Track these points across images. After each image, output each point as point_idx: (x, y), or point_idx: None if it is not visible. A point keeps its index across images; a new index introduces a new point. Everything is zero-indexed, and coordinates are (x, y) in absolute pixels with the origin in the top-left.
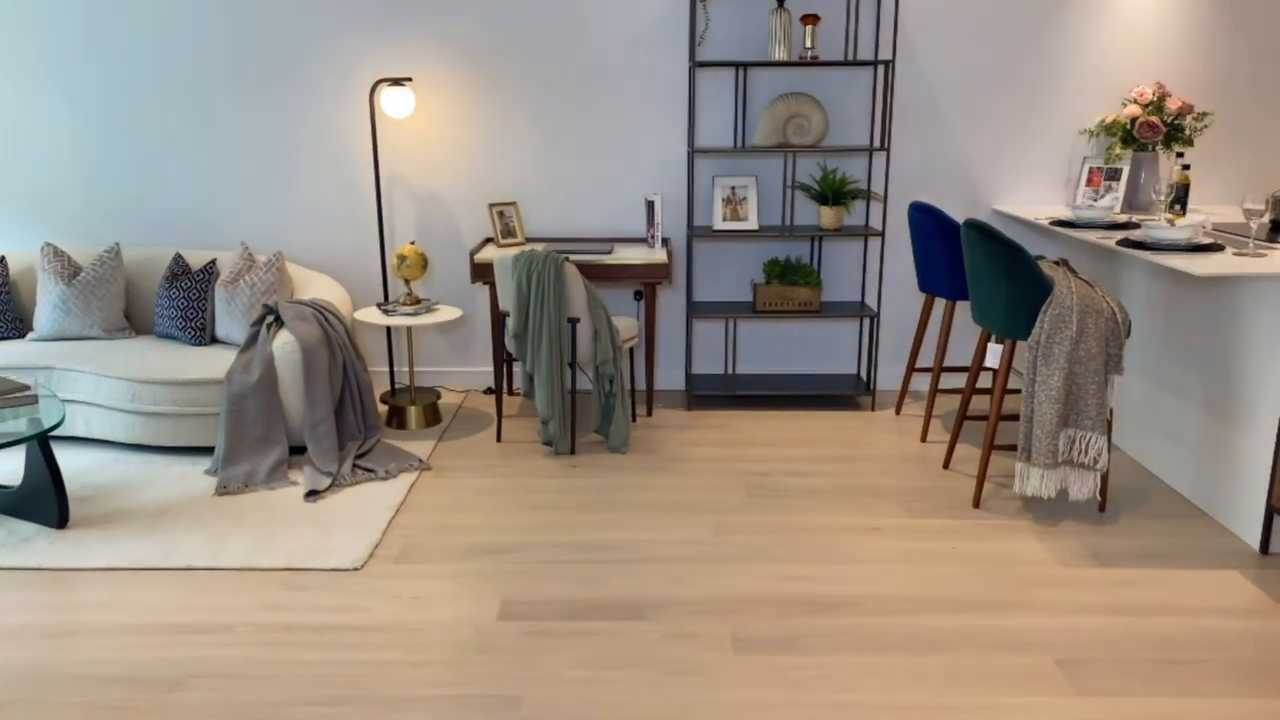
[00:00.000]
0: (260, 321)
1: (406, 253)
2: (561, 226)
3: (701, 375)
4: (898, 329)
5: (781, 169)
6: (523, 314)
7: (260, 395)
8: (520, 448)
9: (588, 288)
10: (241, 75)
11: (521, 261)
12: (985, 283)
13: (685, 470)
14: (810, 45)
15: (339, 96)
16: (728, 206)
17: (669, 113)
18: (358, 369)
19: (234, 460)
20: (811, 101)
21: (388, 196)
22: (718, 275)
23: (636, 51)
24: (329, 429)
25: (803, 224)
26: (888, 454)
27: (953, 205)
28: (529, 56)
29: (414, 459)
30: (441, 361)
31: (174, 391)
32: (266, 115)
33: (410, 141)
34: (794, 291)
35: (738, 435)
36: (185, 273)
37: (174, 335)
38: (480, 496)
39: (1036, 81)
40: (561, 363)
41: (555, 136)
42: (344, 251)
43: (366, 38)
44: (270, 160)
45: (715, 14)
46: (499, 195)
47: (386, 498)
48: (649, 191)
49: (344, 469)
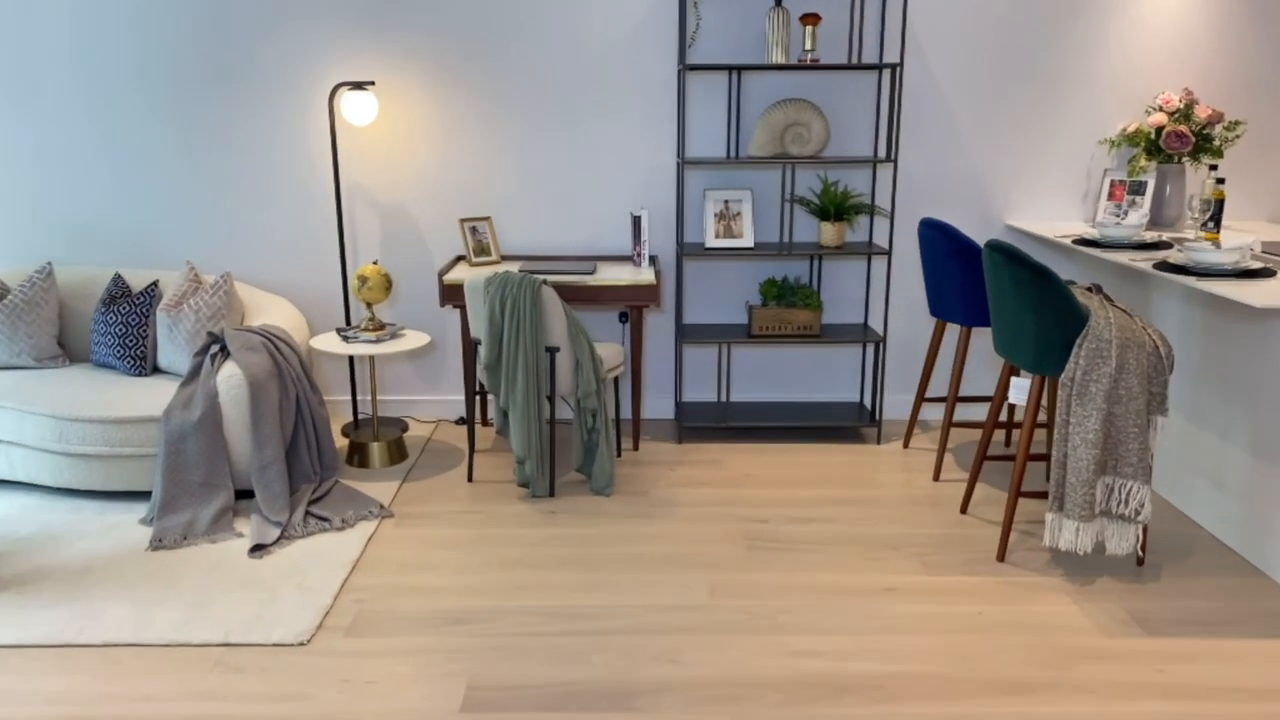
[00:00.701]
0: (204, 351)
1: (368, 273)
2: (539, 244)
3: (692, 404)
4: (904, 354)
5: (779, 181)
6: (496, 343)
7: (202, 435)
8: (494, 489)
9: (568, 313)
10: (187, 77)
11: (494, 284)
12: (1010, 311)
13: (676, 516)
14: (810, 47)
15: (295, 101)
16: (721, 222)
17: (657, 121)
18: (313, 403)
19: (172, 508)
20: (811, 108)
21: (349, 211)
22: (710, 297)
23: (621, 54)
24: (279, 472)
25: (802, 241)
26: (898, 495)
27: (962, 220)
28: (504, 58)
29: (374, 505)
30: (409, 389)
31: (106, 430)
32: (215, 122)
33: (374, 151)
34: (793, 314)
35: (733, 473)
36: (124, 295)
37: (111, 365)
38: (447, 551)
39: (1053, 87)
40: (539, 397)
41: (533, 146)
42: (301, 271)
43: (325, 37)
44: (219, 171)
45: (707, 13)
46: (471, 210)
47: (341, 552)
48: (635, 206)
49: (295, 517)
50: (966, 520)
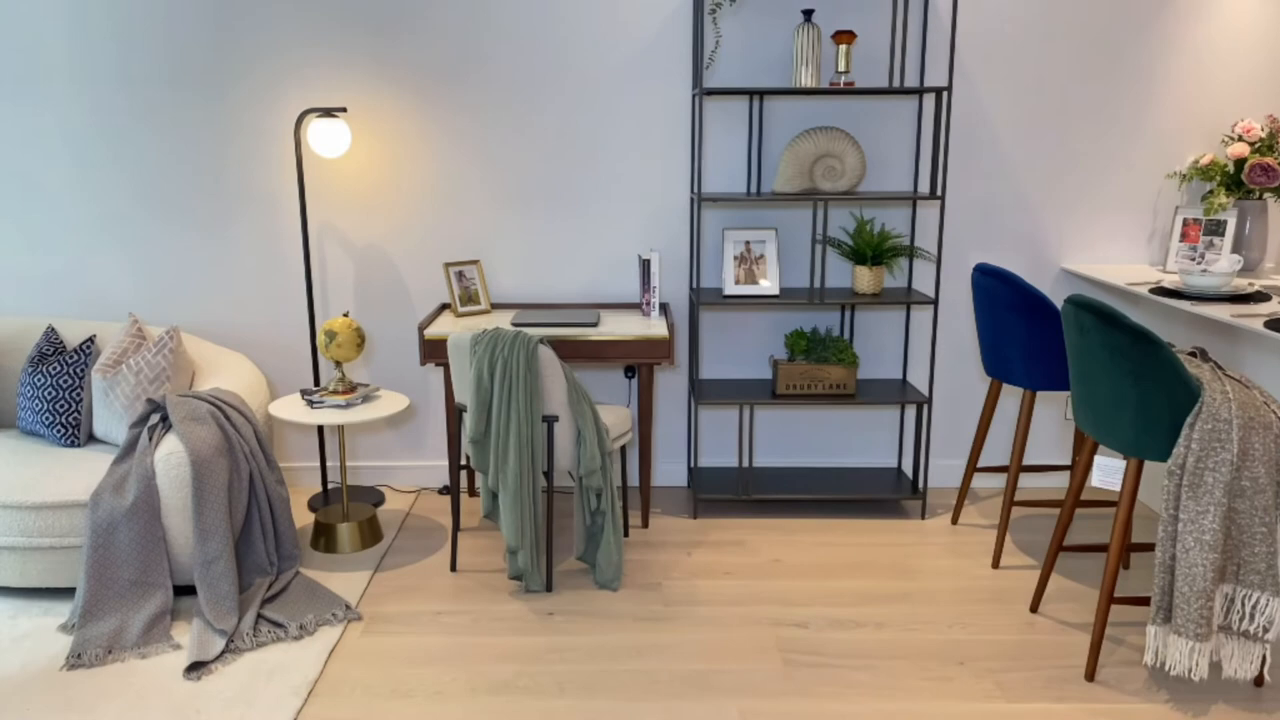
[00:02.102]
0: (142, 422)
1: (337, 328)
2: (535, 290)
3: (710, 470)
4: (949, 416)
5: (808, 220)
6: (484, 412)
7: (136, 524)
8: (481, 581)
9: (568, 376)
10: (134, 103)
11: (483, 344)
12: (1100, 382)
13: (696, 619)
14: (844, 69)
15: (256, 129)
16: (741, 266)
17: (668, 152)
18: (269, 483)
19: (97, 613)
20: (845, 138)
21: (318, 254)
22: (729, 350)
23: (628, 77)
24: (227, 568)
25: (834, 288)
26: (955, 588)
27: (1012, 264)
28: (494, 82)
29: (339, 605)
30: (387, 454)
31: (20, 518)
32: (166, 152)
33: (346, 185)
34: (823, 371)
35: (759, 558)
36: (57, 352)
37: (39, 433)
38: (424, 668)
39: (1115, 114)
40: (534, 477)
41: (527, 181)
42: (262, 324)
43: (289, 58)
44: (170, 208)
45: (727, 30)
46: (457, 253)
47: (297, 670)
48: (644, 248)
49: (245, 623)
50: (1040, 622)
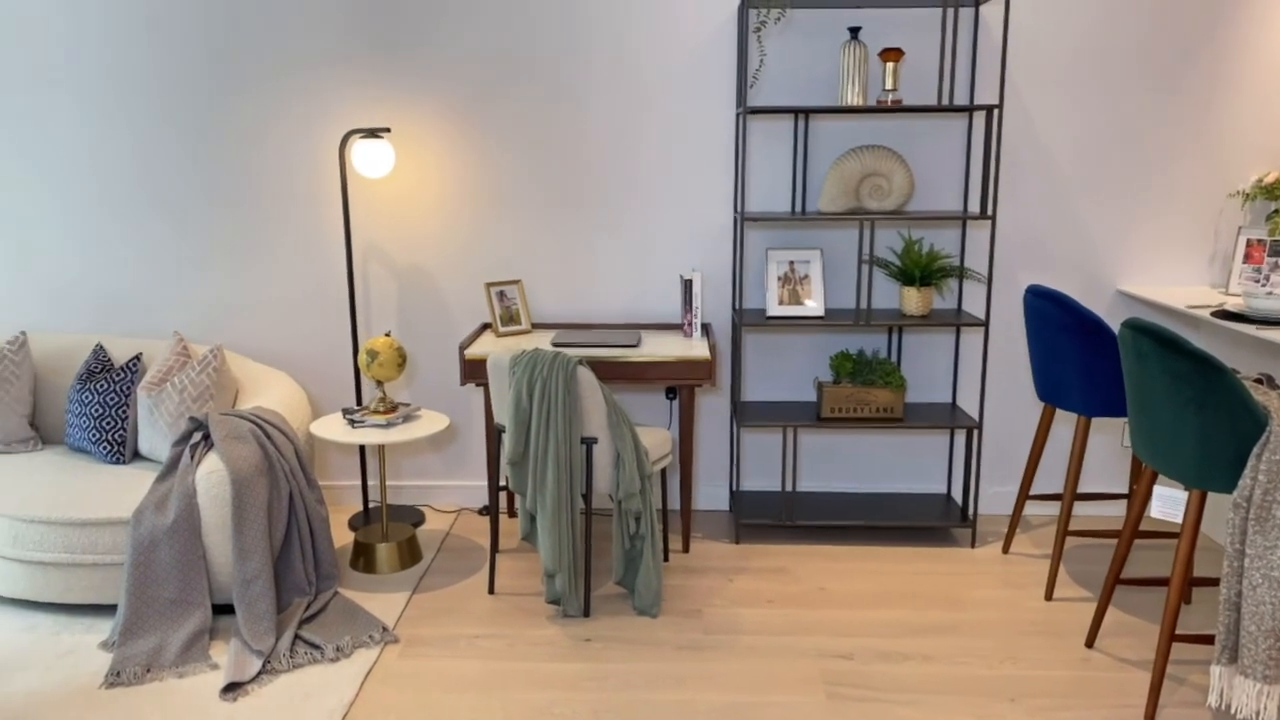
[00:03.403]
0: (185, 440)
1: (379, 347)
2: (575, 310)
3: (752, 494)
4: (1000, 441)
5: (854, 240)
6: (523, 433)
7: (176, 543)
8: (518, 605)
9: (607, 398)
10: (178, 127)
11: (522, 364)
12: (1160, 410)
13: (738, 649)
14: (892, 87)
15: (301, 150)
16: (785, 287)
17: (711, 171)
18: (309, 502)
19: (137, 631)
20: (892, 157)
21: (361, 272)
22: (772, 372)
23: (671, 96)
24: (265, 587)
25: (881, 309)
26: (1006, 620)
27: (1065, 285)
28: (535, 103)
29: (376, 627)
30: (428, 474)
31: (65, 534)
32: (212, 174)
33: (389, 205)
34: (870, 394)
35: (803, 586)
36: (104, 369)
37: (86, 450)
38: (459, 695)
39: (1173, 132)
40: (572, 500)
41: (569, 200)
42: (306, 342)
43: (335, 79)
44: (215, 228)
45: (772, 48)
46: (499, 272)
47: (332, 694)
48: (686, 268)
49: (282, 644)
50: (1095, 658)
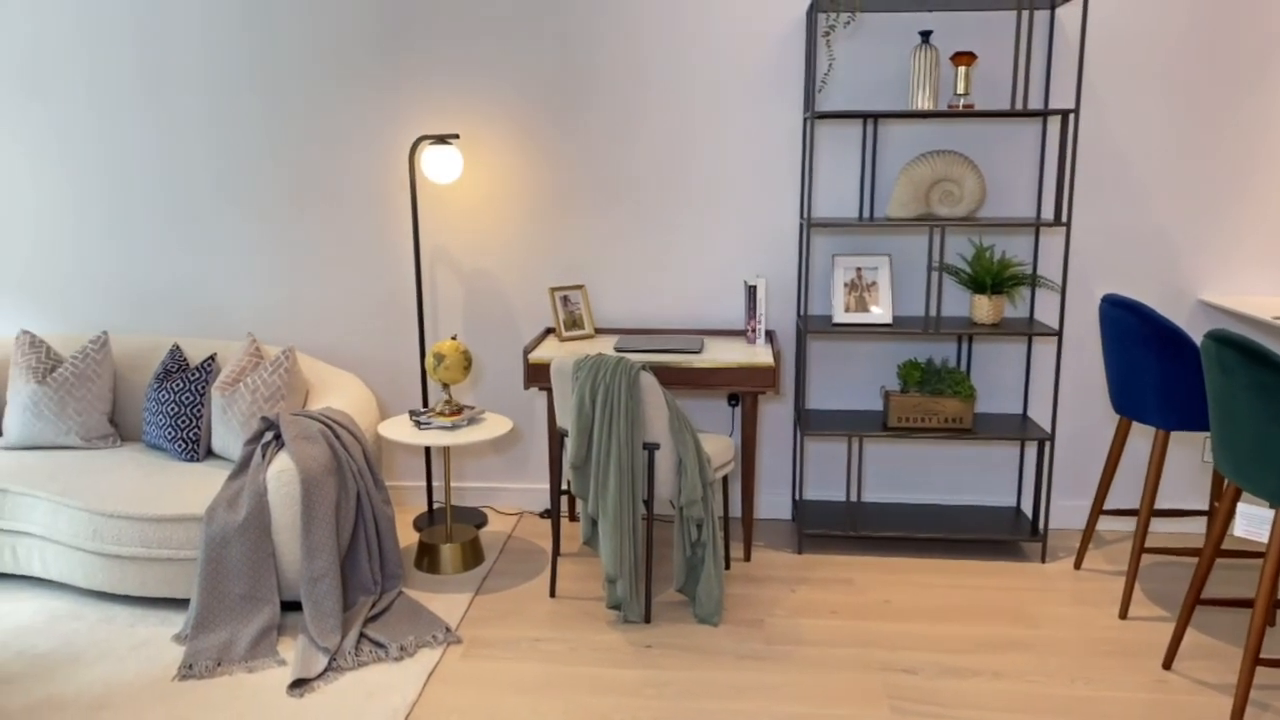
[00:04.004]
0: (256, 439)
1: (445, 350)
2: (638, 315)
3: (815, 503)
4: (1073, 454)
5: (923, 247)
6: (585, 438)
7: (247, 540)
8: (579, 609)
9: (670, 404)
10: (255, 132)
11: (585, 369)
12: (1244, 424)
13: (800, 660)
14: (963, 91)
15: (372, 157)
16: (852, 294)
17: (777, 176)
18: (376, 503)
19: (209, 625)
20: (964, 162)
21: (429, 276)
22: (838, 380)
23: (737, 100)
24: (332, 586)
25: (951, 317)
26: (1078, 639)
27: (1144, 294)
28: (601, 108)
29: (440, 627)
30: (491, 476)
31: (142, 529)
32: (285, 178)
33: (456, 210)
34: (938, 404)
35: (867, 598)
36: (180, 369)
37: (162, 447)
38: (521, 697)
39: (1258, 135)
40: (634, 505)
41: (633, 205)
42: (374, 345)
43: (405, 87)
44: (288, 231)
45: (841, 52)
46: (563, 277)
47: (395, 693)
48: (750, 273)
49: (347, 642)
50: (1174, 680)
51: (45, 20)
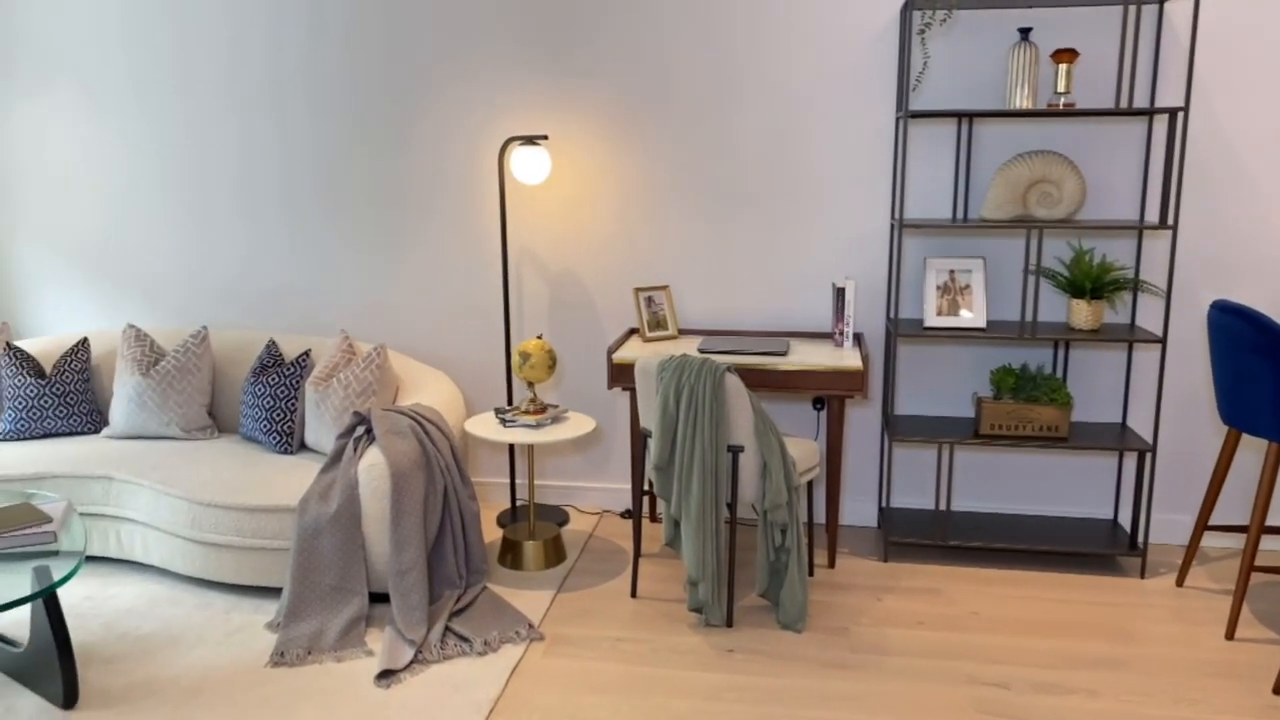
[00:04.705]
0: (349, 433)
1: (531, 349)
2: (723, 316)
3: (902, 511)
4: (1176, 466)
5: (1019, 249)
6: (669, 439)
7: (338, 531)
8: (661, 611)
9: (755, 406)
10: (350, 136)
11: (670, 370)
12: None
13: (885, 669)
14: (1064, 89)
15: (462, 157)
16: (945, 297)
17: (868, 176)
18: (462, 498)
19: (300, 614)
20: (1063, 163)
21: (515, 276)
22: (927, 385)
23: (827, 99)
24: (419, 578)
25: (1047, 322)
26: (1181, 658)
27: (1256, 301)
28: (688, 106)
29: (522, 623)
30: (572, 475)
31: (237, 519)
32: (377, 179)
33: (543, 211)
34: (1033, 411)
35: (956, 609)
36: (276, 364)
37: (258, 439)
38: (601, 696)
39: None
40: (717, 508)
41: (719, 205)
42: (462, 343)
43: (495, 90)
44: (380, 231)
45: (936, 51)
46: (647, 277)
47: (479, 688)
48: (838, 275)
49: (433, 635)
50: None
51: (152, 27)
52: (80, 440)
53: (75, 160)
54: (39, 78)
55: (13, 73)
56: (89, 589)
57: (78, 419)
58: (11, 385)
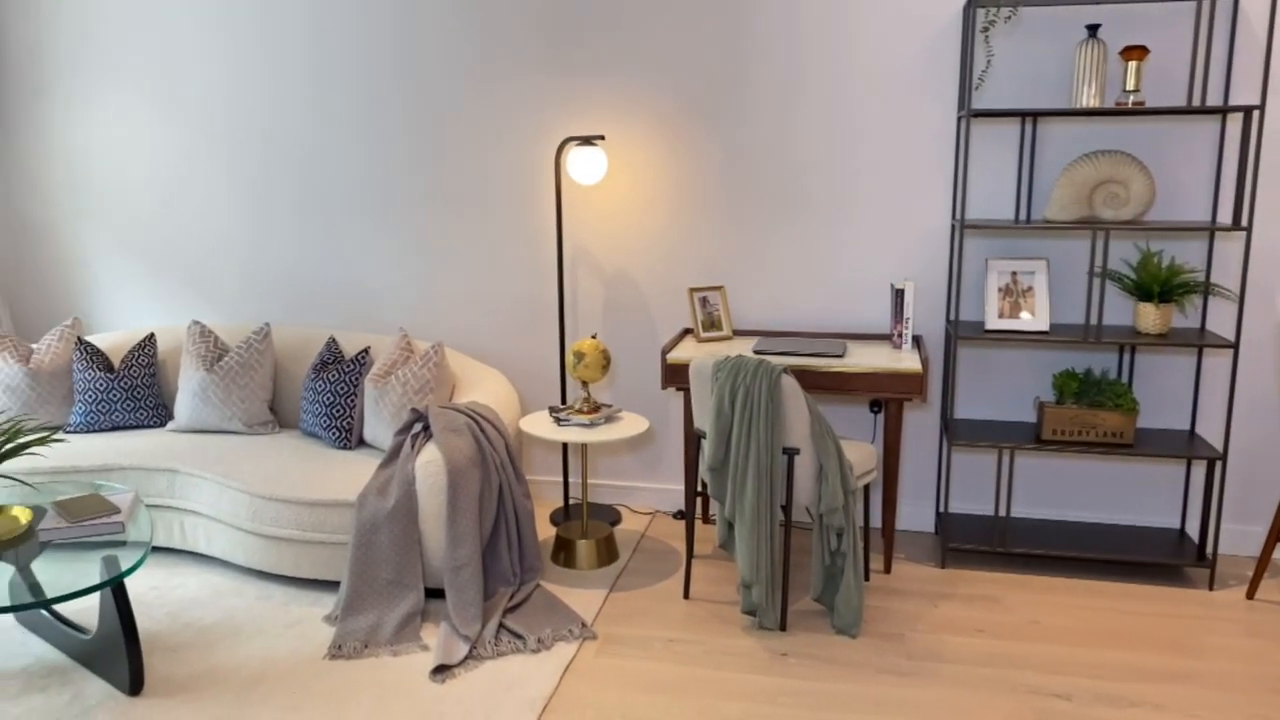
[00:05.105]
0: (406, 430)
1: (585, 349)
2: (778, 317)
3: (960, 517)
4: (1247, 475)
5: (1085, 251)
6: (723, 440)
7: (395, 526)
8: (713, 612)
9: (812, 409)
10: (408, 134)
11: (725, 371)
12: None
13: (942, 677)
14: (1133, 87)
15: (520, 157)
16: (1006, 299)
17: (928, 176)
18: (517, 496)
19: (358, 607)
20: (1131, 163)
21: (570, 276)
22: (988, 389)
23: (886, 98)
24: (474, 574)
25: (1113, 325)
26: (1252, 673)
27: None
28: (746, 106)
29: (575, 622)
30: (625, 474)
31: (297, 512)
32: (435, 179)
33: (599, 211)
34: (1097, 417)
35: (1015, 617)
36: (336, 361)
37: (317, 434)
38: (654, 695)
39: None
40: (772, 510)
41: (775, 205)
42: (517, 341)
43: (552, 90)
44: (438, 230)
45: (1000, 48)
46: (701, 278)
47: (533, 685)
48: (897, 276)
49: (487, 631)
50: None
51: (216, 28)
52: (146, 433)
53: (143, 161)
54: (107, 77)
55: (81, 73)
56: (154, 579)
57: (144, 412)
58: (82, 379)
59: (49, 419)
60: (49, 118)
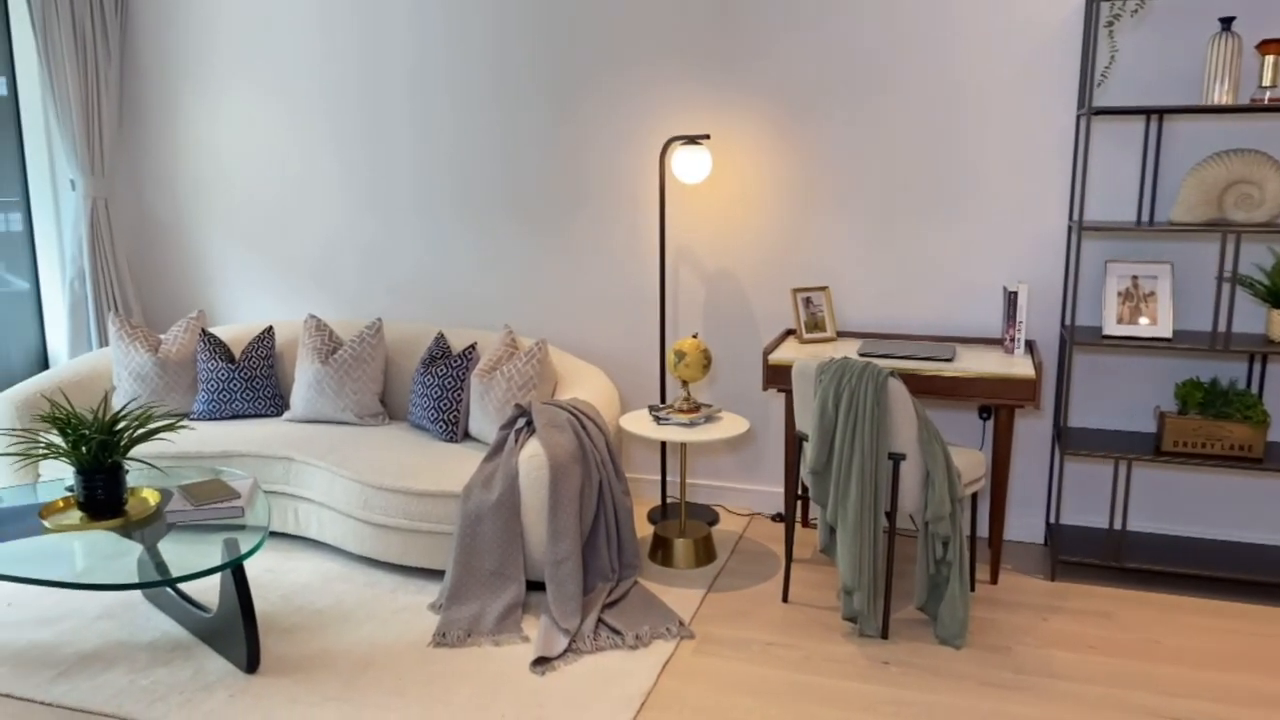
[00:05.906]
0: (510, 425)
1: (686, 348)
2: (884, 319)
3: (1073, 529)
4: None
5: (1212, 255)
6: (826, 443)
7: (499, 519)
8: (813, 617)
9: (919, 413)
10: (515, 138)
11: (829, 373)
12: None
13: (1053, 694)
14: (1271, 83)
15: (625, 156)
16: (1127, 304)
17: (1044, 175)
18: (616, 492)
19: (461, 597)
20: (1266, 162)
21: (672, 274)
22: (1104, 397)
23: (1001, 95)
24: (574, 568)
25: (1242, 333)
26: None
27: None
28: (854, 104)
29: (673, 620)
30: (723, 475)
31: (405, 502)
32: (541, 179)
33: (702, 210)
34: (1223, 428)
35: (1130, 635)
36: (444, 356)
37: (425, 427)
38: (752, 698)
39: None
40: (875, 516)
41: (882, 204)
42: (618, 340)
43: (657, 90)
44: (543, 230)
45: (1125, 44)
46: (805, 278)
47: (631, 681)
48: (1009, 278)
49: (586, 626)
50: None
51: (335, 29)
52: (263, 422)
53: (265, 162)
54: (234, 80)
55: (209, 75)
56: (270, 562)
57: (262, 402)
58: (205, 369)
59: (175, 406)
60: (177, 119)
